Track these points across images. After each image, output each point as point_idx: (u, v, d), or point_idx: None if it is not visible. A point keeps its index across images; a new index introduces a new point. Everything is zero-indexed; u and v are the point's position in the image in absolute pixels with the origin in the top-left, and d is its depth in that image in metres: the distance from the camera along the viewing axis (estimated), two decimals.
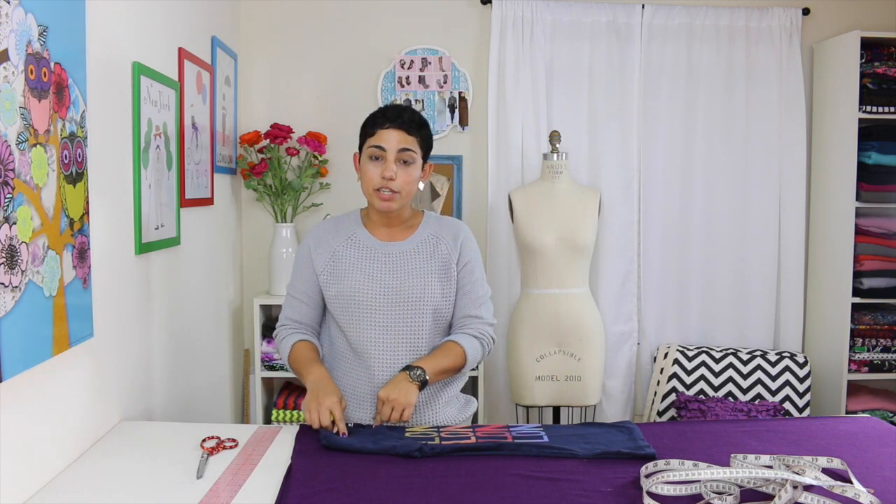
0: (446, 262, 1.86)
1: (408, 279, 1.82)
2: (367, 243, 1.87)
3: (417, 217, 1.93)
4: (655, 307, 3.36)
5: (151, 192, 2.07)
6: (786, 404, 3.12)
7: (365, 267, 1.84)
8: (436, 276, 1.84)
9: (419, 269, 1.83)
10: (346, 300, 1.82)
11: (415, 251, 1.86)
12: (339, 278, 1.84)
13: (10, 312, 1.26)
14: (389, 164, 1.77)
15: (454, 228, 1.92)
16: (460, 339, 1.82)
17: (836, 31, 3.30)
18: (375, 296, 1.81)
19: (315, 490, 1.39)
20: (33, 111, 1.34)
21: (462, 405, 1.95)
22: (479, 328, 1.87)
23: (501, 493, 1.38)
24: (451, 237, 1.89)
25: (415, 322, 1.81)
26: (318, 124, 3.22)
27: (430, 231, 1.89)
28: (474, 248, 1.92)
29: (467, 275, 1.88)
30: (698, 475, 1.37)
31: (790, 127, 3.30)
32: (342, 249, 1.87)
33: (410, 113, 1.82)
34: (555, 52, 3.25)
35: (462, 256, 1.88)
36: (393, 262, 1.84)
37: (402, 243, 1.87)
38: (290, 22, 3.26)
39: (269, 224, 3.25)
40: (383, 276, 1.82)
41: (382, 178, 1.77)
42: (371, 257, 1.85)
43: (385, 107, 1.86)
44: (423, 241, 1.88)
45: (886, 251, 3.16)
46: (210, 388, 2.75)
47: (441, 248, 1.87)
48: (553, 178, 2.97)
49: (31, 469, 1.41)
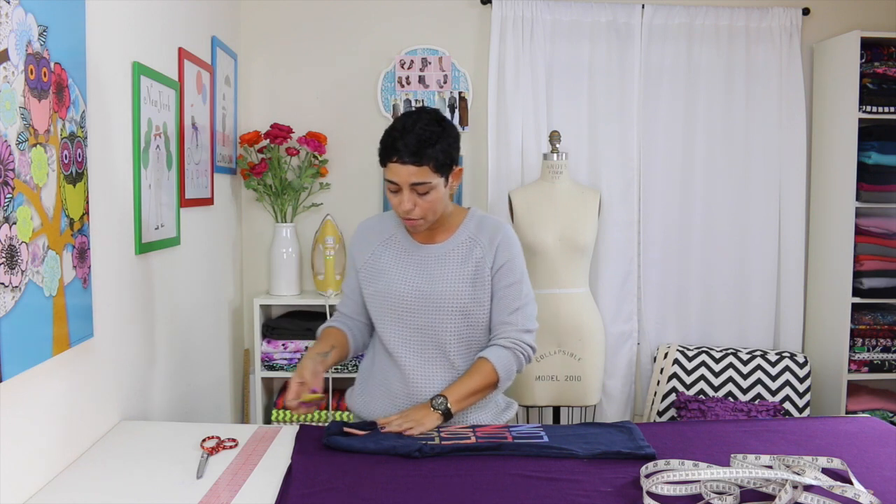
0: (480, 265, 1.81)
1: (438, 283, 1.80)
2: (405, 245, 1.86)
3: (460, 216, 1.88)
4: (655, 307, 3.36)
5: (151, 192, 2.07)
6: (786, 404, 3.12)
7: (400, 269, 1.84)
8: (467, 281, 1.80)
9: (451, 274, 1.81)
10: (380, 300, 1.84)
11: (449, 255, 1.83)
12: (376, 278, 1.85)
13: (10, 312, 1.26)
14: (405, 198, 1.72)
15: (492, 230, 1.85)
16: (491, 354, 1.78)
17: (836, 31, 3.30)
18: (406, 298, 1.80)
19: (315, 490, 1.39)
20: (33, 111, 1.34)
21: (501, 409, 1.93)
22: (513, 336, 1.80)
23: (501, 493, 1.38)
24: (488, 240, 1.83)
25: (444, 326, 1.80)
26: (318, 124, 3.22)
27: (468, 233, 1.85)
28: (512, 251, 1.84)
29: (501, 279, 1.82)
30: (698, 475, 1.37)
31: (790, 127, 3.30)
32: (381, 249, 1.88)
33: (416, 137, 1.68)
34: (555, 52, 3.24)
35: (497, 259, 1.82)
36: (427, 266, 1.83)
37: (437, 246, 1.84)
38: (290, 22, 3.26)
39: (269, 224, 3.25)
40: (416, 278, 1.81)
41: (404, 210, 1.74)
42: (407, 259, 1.84)
43: (392, 131, 1.73)
44: (460, 244, 1.84)
45: (886, 251, 3.16)
46: (210, 388, 2.75)
47: (476, 252, 1.82)
48: (553, 178, 2.97)
49: (31, 469, 1.41)
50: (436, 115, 1.76)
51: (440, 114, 1.78)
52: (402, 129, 1.70)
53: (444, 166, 1.73)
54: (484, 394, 1.80)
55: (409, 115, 1.75)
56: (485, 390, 1.79)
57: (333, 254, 3.10)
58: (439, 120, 1.75)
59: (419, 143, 1.68)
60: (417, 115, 1.74)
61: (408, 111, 1.80)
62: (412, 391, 1.81)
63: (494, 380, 1.78)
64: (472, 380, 1.77)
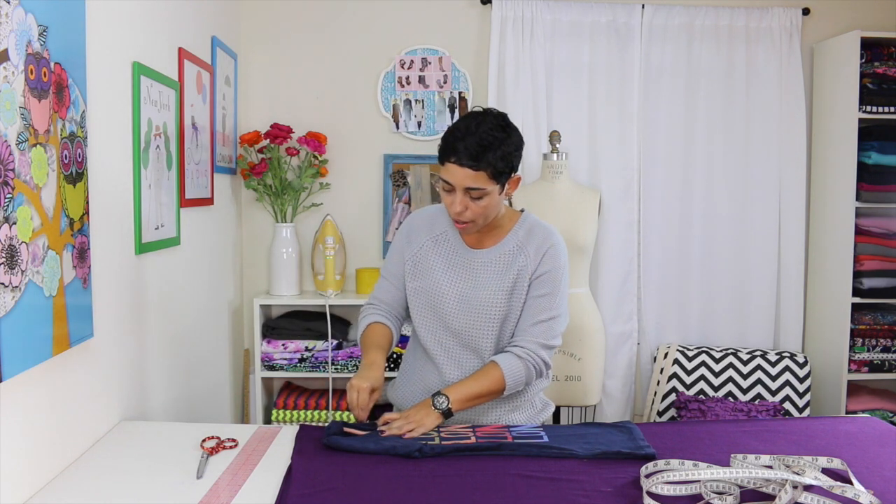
0: (521, 274, 1.77)
1: (479, 290, 1.78)
2: (455, 246, 1.84)
3: (512, 220, 1.84)
4: (655, 307, 3.35)
5: (151, 192, 2.07)
6: (786, 404, 3.12)
7: (446, 270, 1.82)
8: (506, 290, 1.77)
9: (492, 281, 1.78)
10: (423, 298, 1.83)
11: (493, 262, 1.80)
12: (421, 275, 1.84)
13: (10, 312, 1.26)
14: (458, 200, 1.68)
15: (541, 239, 1.80)
16: (503, 360, 1.75)
17: (836, 31, 3.30)
18: (448, 300, 1.79)
19: (315, 490, 1.39)
20: (33, 111, 1.34)
21: (538, 410, 1.90)
22: (529, 348, 1.76)
23: (501, 493, 1.38)
24: (535, 248, 1.79)
25: (481, 332, 1.79)
26: (318, 124, 3.22)
27: (517, 240, 1.81)
28: (557, 262, 1.79)
29: (536, 287, 1.78)
30: (698, 475, 1.37)
31: (790, 127, 3.30)
32: (430, 245, 1.85)
33: (478, 141, 1.63)
34: (555, 52, 3.24)
35: (539, 269, 1.78)
36: (472, 270, 1.81)
37: (485, 252, 1.81)
38: (290, 22, 3.26)
39: (269, 224, 3.25)
40: (460, 282, 1.80)
41: (455, 212, 1.71)
42: (453, 261, 1.82)
43: (454, 130, 1.68)
44: (507, 251, 1.80)
45: (886, 251, 3.16)
46: (210, 388, 2.75)
47: (519, 260, 1.78)
48: (553, 178, 2.97)
49: (31, 469, 1.41)
50: (502, 119, 1.70)
51: (506, 119, 1.72)
52: (465, 131, 1.65)
53: (501, 174, 1.67)
54: (487, 399, 1.77)
55: (475, 115, 1.69)
56: (489, 396, 1.76)
57: (333, 254, 3.10)
58: (504, 126, 1.69)
59: (480, 148, 1.63)
60: (482, 118, 1.68)
61: (474, 111, 1.72)
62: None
63: (501, 387, 1.75)
64: (479, 383, 1.74)
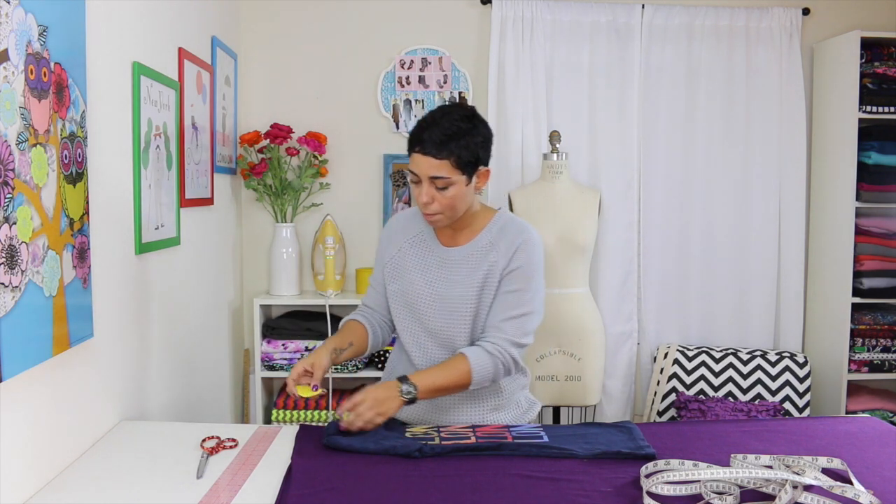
0: (491, 270, 1.76)
1: (453, 288, 1.78)
2: (430, 245, 1.84)
3: (486, 218, 1.84)
4: (655, 307, 3.35)
5: (151, 192, 2.07)
6: (786, 404, 3.12)
7: (421, 270, 1.82)
8: (477, 286, 1.76)
9: (464, 279, 1.78)
10: (400, 299, 1.84)
11: (466, 259, 1.79)
12: (399, 277, 1.85)
13: (10, 312, 1.26)
14: (424, 190, 1.69)
15: (514, 235, 1.79)
16: (471, 354, 1.72)
17: (836, 31, 3.30)
18: (424, 300, 1.80)
19: (315, 490, 1.39)
20: (33, 111, 1.34)
21: (523, 410, 1.90)
22: (500, 345, 1.74)
23: (501, 493, 1.38)
24: (507, 244, 1.77)
25: (455, 329, 1.78)
26: (318, 124, 3.22)
27: (490, 237, 1.80)
28: (530, 258, 1.77)
29: (508, 283, 1.76)
30: (698, 475, 1.37)
31: (790, 127, 3.30)
32: (407, 247, 1.86)
33: (442, 130, 1.66)
34: (555, 52, 3.24)
35: (511, 264, 1.76)
36: (446, 269, 1.81)
37: (458, 249, 1.81)
38: (290, 22, 3.26)
39: (269, 224, 3.25)
40: (434, 282, 1.80)
41: (422, 203, 1.72)
42: (429, 260, 1.83)
43: (421, 121, 1.70)
44: (480, 248, 1.79)
45: (886, 251, 3.16)
46: (210, 388, 2.75)
47: (491, 256, 1.77)
48: (553, 178, 2.97)
49: (31, 469, 1.41)
50: (468, 111, 1.73)
51: (474, 111, 1.74)
52: (431, 121, 1.68)
53: (467, 164, 1.68)
54: (452, 392, 1.75)
55: (442, 108, 1.73)
56: (455, 389, 1.74)
57: (333, 254, 3.10)
58: (470, 117, 1.71)
59: (444, 137, 1.65)
60: (450, 109, 1.72)
61: (443, 104, 1.77)
62: None
63: (467, 382, 1.72)
64: (446, 375, 1.71)
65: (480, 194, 1.82)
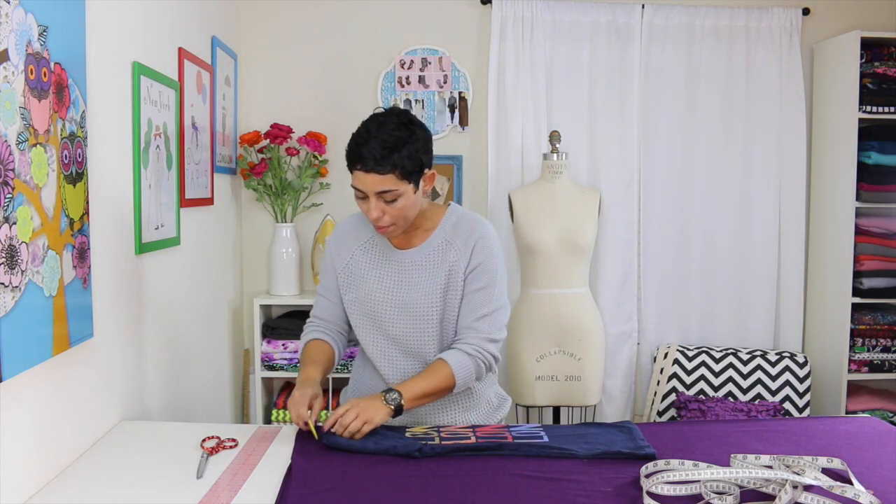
0: (453, 270, 1.74)
1: (414, 291, 1.74)
2: (383, 249, 1.80)
3: (437, 216, 1.80)
4: (655, 307, 3.35)
5: (151, 192, 2.07)
6: (786, 404, 3.12)
7: (378, 276, 1.78)
8: (440, 288, 1.74)
9: (424, 281, 1.74)
10: (359, 308, 1.80)
11: (423, 260, 1.76)
12: (355, 285, 1.80)
13: (10, 312, 1.26)
14: (372, 206, 1.64)
15: (469, 230, 1.76)
16: (451, 357, 1.71)
17: (836, 31, 3.30)
18: (384, 308, 1.76)
19: (315, 490, 1.39)
20: (33, 111, 1.34)
21: (494, 407, 1.89)
22: (476, 344, 1.73)
23: (501, 493, 1.38)
24: (463, 240, 1.75)
25: (422, 336, 1.76)
26: (318, 124, 3.22)
27: (444, 235, 1.77)
28: (489, 252, 1.75)
29: (472, 281, 1.74)
30: (698, 475, 1.37)
31: (790, 127, 3.30)
32: (360, 254, 1.81)
33: (380, 144, 1.60)
34: (555, 52, 3.25)
35: (472, 262, 1.74)
36: (403, 272, 1.77)
37: (413, 251, 1.77)
38: (290, 22, 3.26)
39: (269, 224, 3.25)
40: (393, 287, 1.76)
41: (373, 218, 1.67)
42: (384, 265, 1.79)
43: (356, 136, 1.64)
44: (436, 247, 1.76)
45: (886, 251, 3.16)
46: (210, 388, 2.75)
47: (450, 256, 1.74)
48: (553, 178, 2.97)
49: (32, 469, 1.41)
50: (404, 117, 1.66)
51: (409, 116, 1.68)
52: (367, 135, 1.62)
53: (411, 173, 1.63)
54: (438, 396, 1.73)
55: (376, 118, 1.66)
56: (440, 394, 1.72)
57: None
58: (407, 123, 1.65)
59: (384, 150, 1.59)
60: (383, 119, 1.64)
61: (375, 114, 1.69)
62: None
63: (451, 385, 1.71)
64: (430, 381, 1.69)
65: (429, 196, 1.78)
